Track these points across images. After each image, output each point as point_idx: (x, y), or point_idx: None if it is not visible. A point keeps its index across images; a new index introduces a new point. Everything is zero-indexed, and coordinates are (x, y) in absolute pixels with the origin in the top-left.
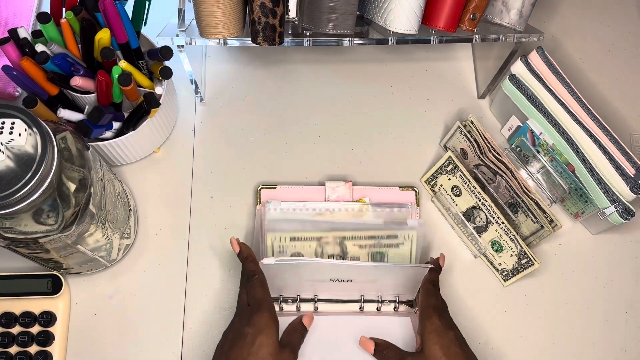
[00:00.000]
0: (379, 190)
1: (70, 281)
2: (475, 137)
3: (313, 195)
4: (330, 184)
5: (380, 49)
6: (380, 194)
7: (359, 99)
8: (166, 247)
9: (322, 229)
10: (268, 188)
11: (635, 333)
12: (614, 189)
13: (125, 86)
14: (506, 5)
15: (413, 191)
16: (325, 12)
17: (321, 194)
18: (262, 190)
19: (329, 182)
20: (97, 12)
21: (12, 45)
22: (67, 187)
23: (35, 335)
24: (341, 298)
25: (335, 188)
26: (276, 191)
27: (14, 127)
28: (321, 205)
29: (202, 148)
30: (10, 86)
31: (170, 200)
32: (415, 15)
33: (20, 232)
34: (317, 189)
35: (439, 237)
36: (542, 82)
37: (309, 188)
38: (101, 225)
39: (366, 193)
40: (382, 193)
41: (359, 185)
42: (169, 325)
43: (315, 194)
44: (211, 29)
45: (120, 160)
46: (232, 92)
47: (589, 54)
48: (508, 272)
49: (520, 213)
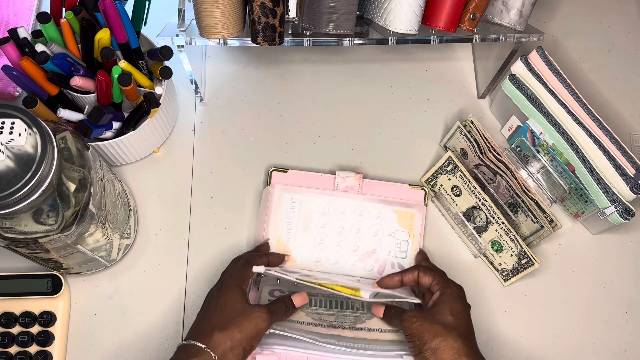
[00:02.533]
0: (388, 186)
1: (70, 281)
2: (475, 137)
3: (323, 184)
4: (341, 174)
5: (380, 49)
6: (390, 191)
7: (359, 99)
8: (166, 247)
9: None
10: (279, 171)
11: (635, 333)
12: (614, 189)
13: (125, 86)
14: (506, 5)
15: (422, 190)
16: (325, 12)
17: (330, 183)
18: (273, 173)
19: (340, 171)
20: (97, 12)
21: (12, 45)
22: (67, 187)
23: (35, 335)
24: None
25: (346, 178)
26: (287, 175)
27: (14, 127)
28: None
29: (202, 148)
30: (10, 86)
31: (170, 200)
32: (415, 15)
33: (20, 232)
34: (327, 177)
35: (439, 237)
36: (542, 82)
37: (318, 176)
38: (101, 225)
39: (375, 188)
40: (391, 189)
41: (369, 179)
42: (169, 325)
43: (325, 183)
44: (211, 29)
45: (120, 160)
46: (232, 92)
47: (589, 54)
48: (508, 272)
49: (520, 213)
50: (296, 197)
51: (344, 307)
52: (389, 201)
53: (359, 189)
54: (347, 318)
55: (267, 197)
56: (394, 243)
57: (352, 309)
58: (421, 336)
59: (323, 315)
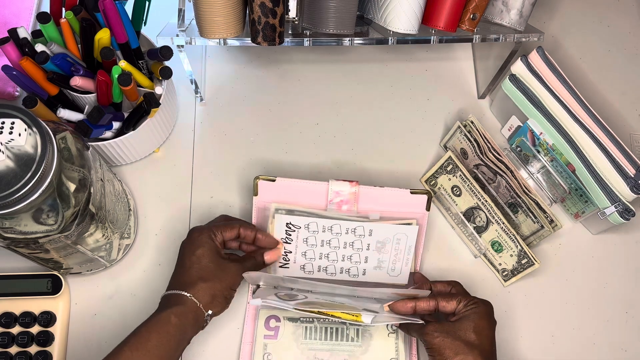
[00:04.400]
0: (388, 193)
1: (70, 281)
2: (475, 137)
3: (314, 196)
4: (334, 186)
5: (380, 49)
6: (389, 197)
7: (359, 99)
8: (166, 247)
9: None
10: (266, 180)
11: (635, 333)
12: (614, 189)
13: (125, 86)
14: (506, 5)
15: (425, 195)
16: (325, 12)
17: (323, 196)
18: (259, 182)
19: (333, 181)
20: (97, 12)
21: (12, 45)
22: (67, 187)
23: (35, 336)
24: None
25: (339, 192)
26: (274, 184)
27: (14, 127)
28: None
29: (202, 148)
30: (10, 86)
31: (170, 200)
32: (415, 15)
33: (20, 232)
34: (319, 187)
35: (439, 237)
36: (542, 82)
37: (309, 184)
38: (101, 225)
39: (374, 195)
40: (391, 196)
41: (366, 185)
42: None
43: (317, 196)
44: (211, 29)
45: (120, 160)
46: (232, 92)
47: (589, 54)
48: (508, 272)
49: (520, 213)
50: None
51: (339, 337)
52: (387, 217)
53: (355, 201)
54: (341, 354)
55: (257, 213)
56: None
57: (347, 340)
58: (442, 352)
59: (318, 352)
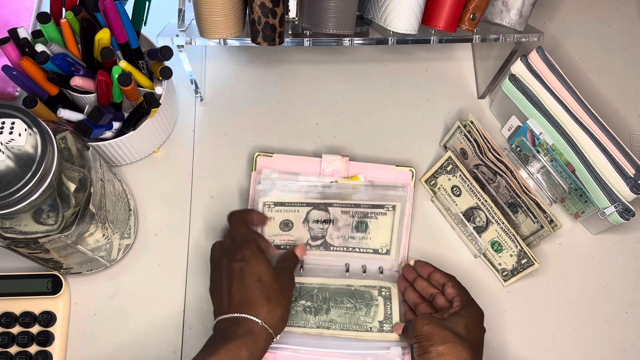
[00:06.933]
0: (375, 168)
1: (70, 281)
2: (475, 137)
3: (308, 167)
4: (327, 157)
5: (380, 49)
6: (376, 172)
7: (359, 99)
8: (166, 247)
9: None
10: (265, 155)
11: (635, 333)
12: (614, 189)
13: (125, 86)
14: (506, 5)
15: (410, 171)
16: (325, 12)
17: (316, 167)
18: (258, 158)
19: (326, 155)
20: (97, 12)
21: (12, 45)
22: (67, 187)
23: (35, 335)
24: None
25: (332, 161)
26: (272, 159)
27: (14, 127)
28: (314, 181)
29: (202, 148)
30: (10, 86)
31: (170, 200)
32: (415, 15)
33: (20, 232)
34: (313, 160)
35: (439, 237)
36: (542, 82)
37: (305, 159)
38: (101, 225)
39: (362, 169)
40: (377, 171)
41: (356, 161)
42: (169, 325)
43: (311, 166)
44: (211, 29)
45: (120, 160)
46: (232, 92)
47: (589, 54)
48: (508, 272)
49: (520, 213)
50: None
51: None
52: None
53: (346, 171)
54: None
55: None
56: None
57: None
58: (429, 337)
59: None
